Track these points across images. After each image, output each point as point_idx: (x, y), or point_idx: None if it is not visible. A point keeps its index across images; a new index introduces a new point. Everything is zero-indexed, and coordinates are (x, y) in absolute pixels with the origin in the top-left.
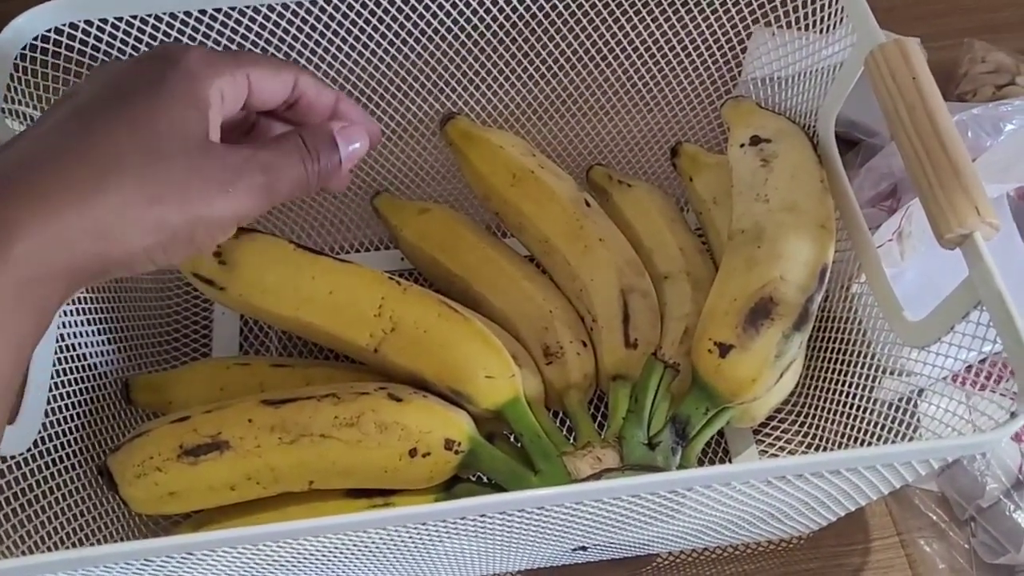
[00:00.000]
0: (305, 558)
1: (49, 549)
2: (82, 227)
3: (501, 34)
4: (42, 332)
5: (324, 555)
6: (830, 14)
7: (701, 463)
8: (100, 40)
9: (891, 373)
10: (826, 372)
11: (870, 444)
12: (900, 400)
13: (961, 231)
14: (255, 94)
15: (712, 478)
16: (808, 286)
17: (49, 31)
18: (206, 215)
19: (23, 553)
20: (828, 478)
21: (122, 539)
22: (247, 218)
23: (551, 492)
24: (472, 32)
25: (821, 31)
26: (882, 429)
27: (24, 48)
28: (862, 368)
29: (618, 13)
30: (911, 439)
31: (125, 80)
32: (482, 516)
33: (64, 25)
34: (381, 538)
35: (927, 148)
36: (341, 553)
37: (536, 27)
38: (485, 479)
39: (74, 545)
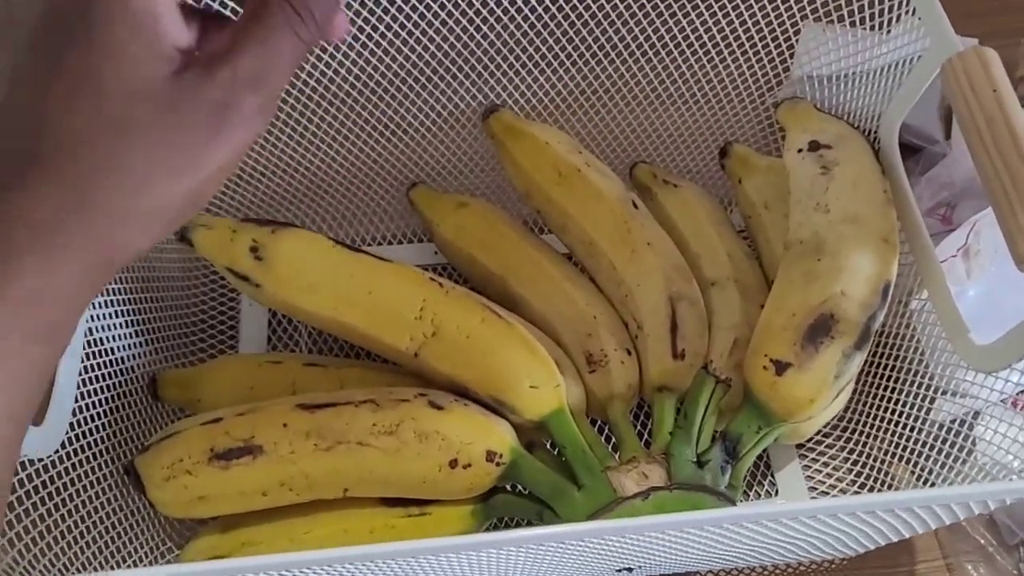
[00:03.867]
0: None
1: (75, 556)
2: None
3: (546, 18)
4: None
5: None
6: (890, 8)
7: (743, 480)
8: None
9: (946, 394)
10: (877, 389)
11: (920, 464)
12: (954, 422)
13: None
14: None
15: (781, 514)
16: (870, 303)
17: None
18: (203, 174)
19: (54, 557)
20: (898, 513)
21: (148, 539)
22: (247, 148)
23: (618, 524)
24: (515, 15)
25: (872, 27)
26: (933, 450)
27: None
28: (915, 387)
29: (662, 6)
30: (964, 461)
31: (47, 39)
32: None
33: None
34: (425, 557)
35: (1007, 165)
36: (380, 571)
37: (583, 13)
38: (522, 488)
39: (101, 549)
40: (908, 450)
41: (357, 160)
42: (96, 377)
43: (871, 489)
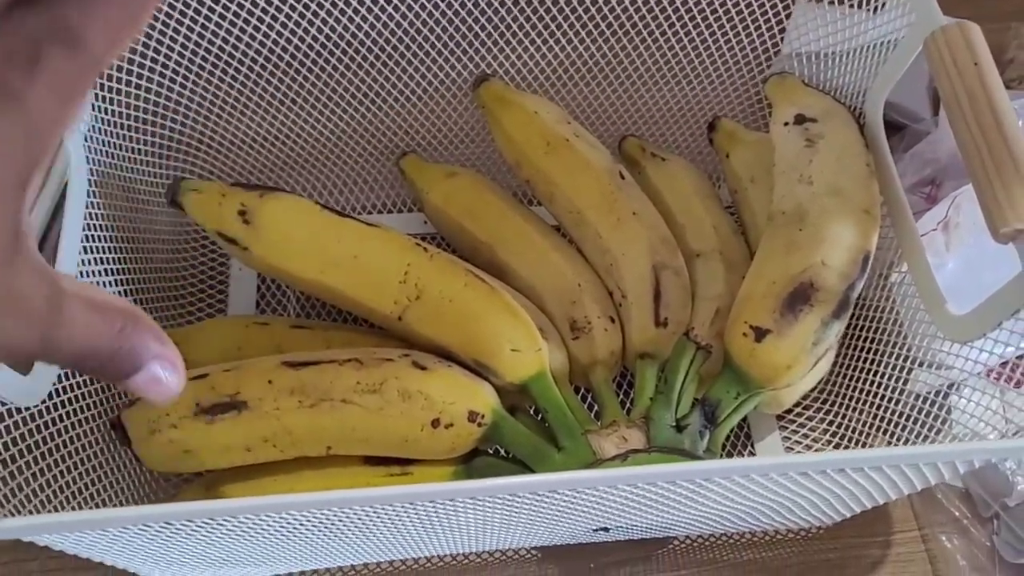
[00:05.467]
0: (320, 525)
1: (61, 504)
2: None
3: None
4: None
5: (342, 523)
6: None
7: (723, 448)
8: None
9: (924, 365)
10: (856, 361)
11: (897, 435)
12: (931, 393)
13: (1018, 225)
14: None
15: (751, 468)
16: (849, 273)
17: None
18: None
19: (35, 508)
20: (868, 474)
21: (133, 495)
22: None
23: (590, 475)
24: None
25: (862, 6)
26: (910, 421)
27: None
28: (894, 359)
29: None
30: (939, 431)
31: None
32: (512, 495)
33: None
34: (404, 509)
35: (987, 138)
36: (360, 521)
37: None
38: (504, 452)
39: (86, 500)
40: (886, 420)
41: (347, 129)
42: None
43: None
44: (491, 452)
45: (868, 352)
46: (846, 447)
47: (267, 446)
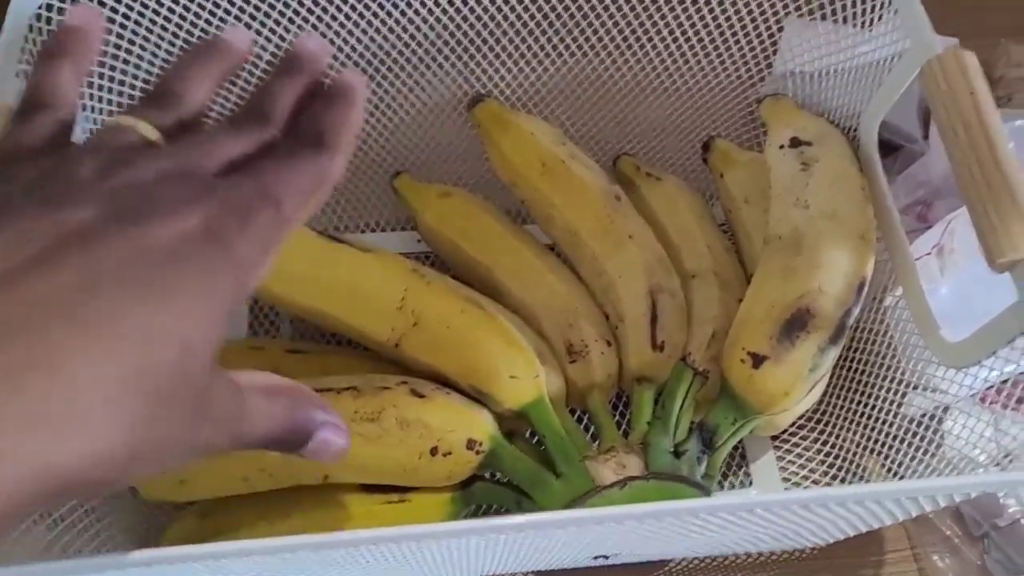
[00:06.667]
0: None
1: (58, 536)
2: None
3: (532, 9)
4: None
5: (340, 557)
6: (873, 7)
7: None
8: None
9: (916, 388)
10: (850, 383)
11: (891, 457)
12: (923, 416)
13: (1015, 256)
14: None
15: (756, 504)
16: (846, 300)
17: None
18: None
19: (35, 539)
20: (867, 505)
21: (127, 523)
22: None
23: (594, 513)
24: (503, 5)
25: (855, 25)
26: (904, 443)
27: (40, 7)
28: (887, 382)
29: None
30: (933, 455)
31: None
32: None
33: None
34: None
35: (983, 169)
36: (359, 553)
37: (570, 5)
38: (501, 477)
39: (83, 531)
40: (879, 443)
41: None
42: None
43: (843, 480)
44: (489, 476)
45: (862, 375)
46: (840, 467)
47: (264, 475)
